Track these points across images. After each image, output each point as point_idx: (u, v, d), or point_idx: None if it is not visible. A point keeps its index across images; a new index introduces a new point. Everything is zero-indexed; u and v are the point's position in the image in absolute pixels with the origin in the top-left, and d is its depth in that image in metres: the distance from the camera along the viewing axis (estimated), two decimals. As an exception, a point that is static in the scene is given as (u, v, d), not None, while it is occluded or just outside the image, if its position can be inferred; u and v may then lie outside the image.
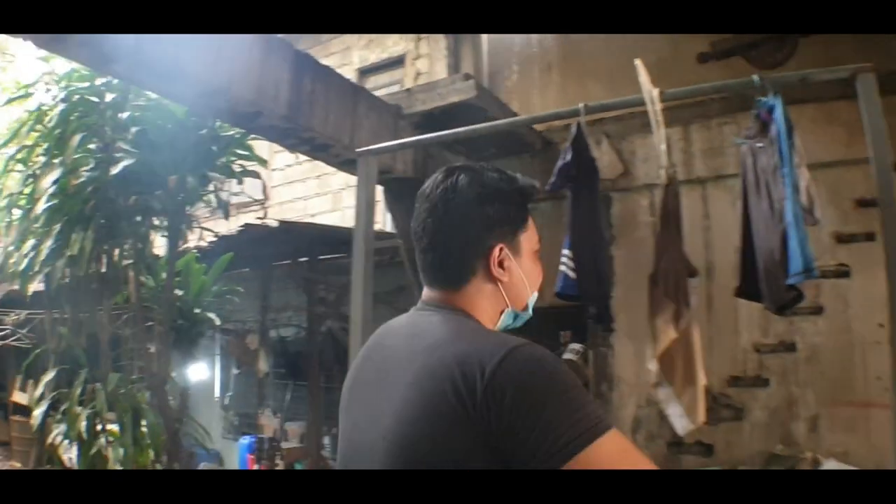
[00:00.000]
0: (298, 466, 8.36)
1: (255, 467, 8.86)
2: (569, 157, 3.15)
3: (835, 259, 5.66)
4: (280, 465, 8.54)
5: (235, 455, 9.47)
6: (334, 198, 9.28)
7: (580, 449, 1.25)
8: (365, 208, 3.27)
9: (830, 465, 5.02)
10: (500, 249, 1.55)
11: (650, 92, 2.75)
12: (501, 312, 1.60)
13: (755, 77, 2.67)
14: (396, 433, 1.37)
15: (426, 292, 1.61)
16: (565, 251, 3.52)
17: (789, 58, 5.76)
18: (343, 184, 8.83)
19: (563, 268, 3.48)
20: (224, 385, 10.55)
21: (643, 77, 2.82)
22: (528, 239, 1.62)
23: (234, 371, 10.26)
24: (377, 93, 6.11)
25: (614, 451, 1.30)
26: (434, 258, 1.57)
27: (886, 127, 5.27)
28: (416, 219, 1.60)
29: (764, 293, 2.76)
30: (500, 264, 1.55)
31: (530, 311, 1.66)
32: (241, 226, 6.83)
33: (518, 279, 1.59)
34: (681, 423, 2.72)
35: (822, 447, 5.52)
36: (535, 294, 1.66)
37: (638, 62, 2.85)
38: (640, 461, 1.34)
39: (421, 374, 1.37)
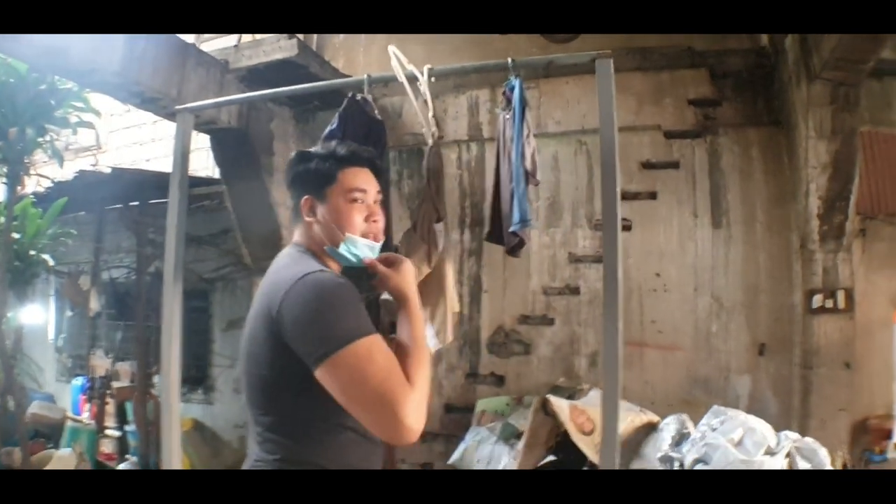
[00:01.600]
0: (128, 405, 8.55)
1: (87, 406, 9.00)
2: (335, 125, 3.45)
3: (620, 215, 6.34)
4: (110, 403, 8.68)
5: (69, 397, 9.52)
6: (169, 143, 9.35)
7: (328, 356, 1.78)
8: (181, 161, 3.55)
9: (596, 392, 5.60)
10: (306, 200, 2.16)
11: (403, 75, 3.22)
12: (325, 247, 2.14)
13: (509, 60, 3.14)
14: (246, 341, 2.03)
15: None
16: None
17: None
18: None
19: None
20: (58, 328, 10.52)
21: (395, 62, 3.27)
22: (337, 192, 2.13)
23: (68, 313, 10.24)
24: (212, 43, 6.36)
25: (361, 355, 1.78)
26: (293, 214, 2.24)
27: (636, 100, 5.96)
28: None
29: (504, 239, 3.32)
30: (312, 211, 2.15)
31: (354, 248, 2.11)
32: (76, 172, 6.99)
33: (325, 222, 2.12)
34: (433, 342, 3.28)
35: (600, 381, 6.22)
36: (353, 236, 2.11)
37: (391, 48, 3.31)
38: (382, 367, 1.80)
39: (258, 299, 2.01)
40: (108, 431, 8.28)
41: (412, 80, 3.27)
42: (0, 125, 6.01)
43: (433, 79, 3.32)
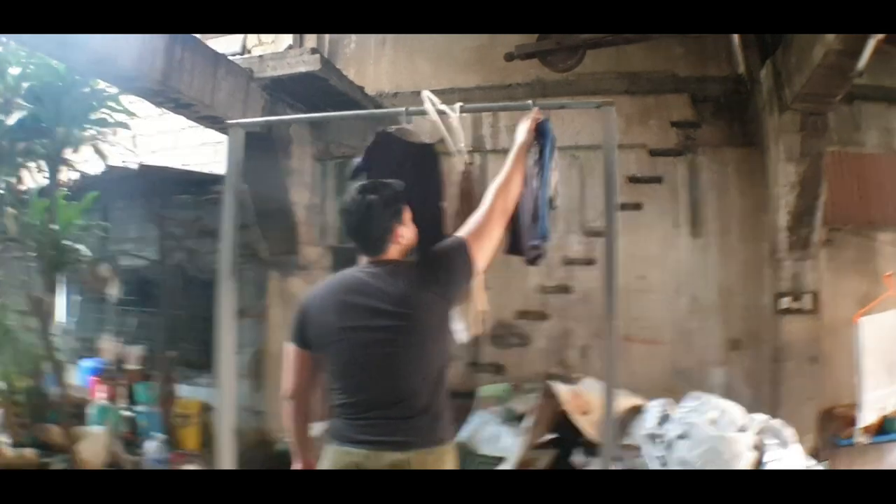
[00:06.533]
0: (139, 387, 8.96)
1: (100, 387, 9.33)
2: (361, 159, 3.73)
3: (607, 223, 6.98)
4: (123, 384, 9.06)
5: (74, 377, 9.79)
6: (175, 137, 9.45)
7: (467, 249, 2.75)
8: (234, 172, 3.74)
9: (589, 381, 6.29)
10: (397, 228, 2.74)
11: (436, 114, 3.70)
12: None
13: (530, 102, 3.64)
14: (404, 318, 2.59)
15: (367, 259, 2.76)
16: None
17: (578, 64, 6.98)
18: (185, 124, 8.87)
19: None
20: (67, 311, 10.76)
21: (428, 105, 3.75)
22: (405, 212, 2.79)
23: (77, 297, 10.53)
24: (219, 44, 6.70)
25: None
26: (372, 243, 2.74)
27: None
28: (349, 223, 2.75)
29: (523, 251, 3.90)
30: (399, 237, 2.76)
31: None
32: (105, 167, 7.40)
33: (409, 236, 2.82)
34: (461, 335, 3.86)
35: (589, 371, 6.82)
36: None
37: (425, 93, 3.80)
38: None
39: (406, 291, 2.62)
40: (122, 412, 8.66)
41: (442, 114, 3.70)
42: (44, 123, 6.38)
43: (457, 119, 3.80)
